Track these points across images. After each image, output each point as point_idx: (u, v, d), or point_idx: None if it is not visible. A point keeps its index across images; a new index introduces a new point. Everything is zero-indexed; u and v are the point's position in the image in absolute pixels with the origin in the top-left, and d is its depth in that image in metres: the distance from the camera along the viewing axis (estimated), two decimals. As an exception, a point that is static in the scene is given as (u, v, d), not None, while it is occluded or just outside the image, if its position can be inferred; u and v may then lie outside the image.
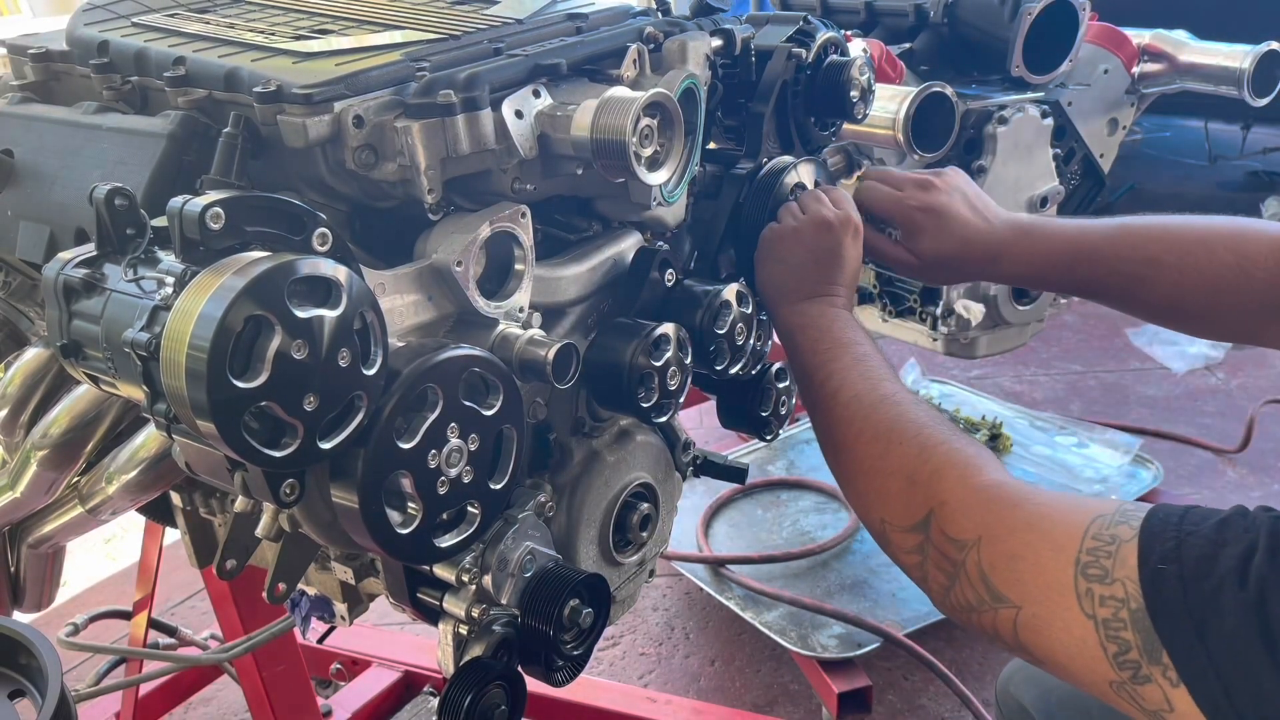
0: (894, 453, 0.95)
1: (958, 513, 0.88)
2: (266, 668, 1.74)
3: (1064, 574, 0.78)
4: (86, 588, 2.86)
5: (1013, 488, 0.88)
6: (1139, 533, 0.77)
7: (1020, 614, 0.82)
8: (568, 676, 0.96)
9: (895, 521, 0.94)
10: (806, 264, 1.13)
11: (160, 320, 0.70)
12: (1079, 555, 0.78)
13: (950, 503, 0.89)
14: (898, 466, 0.94)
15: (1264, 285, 1.09)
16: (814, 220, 1.13)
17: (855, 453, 1.00)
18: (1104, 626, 0.76)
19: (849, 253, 1.14)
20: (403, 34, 0.97)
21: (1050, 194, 1.83)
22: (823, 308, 1.11)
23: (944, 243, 1.21)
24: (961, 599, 0.87)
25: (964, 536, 0.87)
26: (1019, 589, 0.82)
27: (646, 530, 1.08)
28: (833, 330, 1.09)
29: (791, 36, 1.19)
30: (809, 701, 2.26)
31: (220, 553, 1.02)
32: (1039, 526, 0.83)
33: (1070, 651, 0.79)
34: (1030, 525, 0.84)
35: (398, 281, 0.85)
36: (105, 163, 0.92)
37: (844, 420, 1.02)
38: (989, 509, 0.87)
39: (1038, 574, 0.81)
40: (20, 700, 0.89)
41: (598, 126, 0.85)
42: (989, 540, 0.85)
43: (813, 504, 2.56)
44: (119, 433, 1.05)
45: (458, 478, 0.80)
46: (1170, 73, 1.90)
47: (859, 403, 1.01)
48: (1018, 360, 3.69)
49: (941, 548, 0.88)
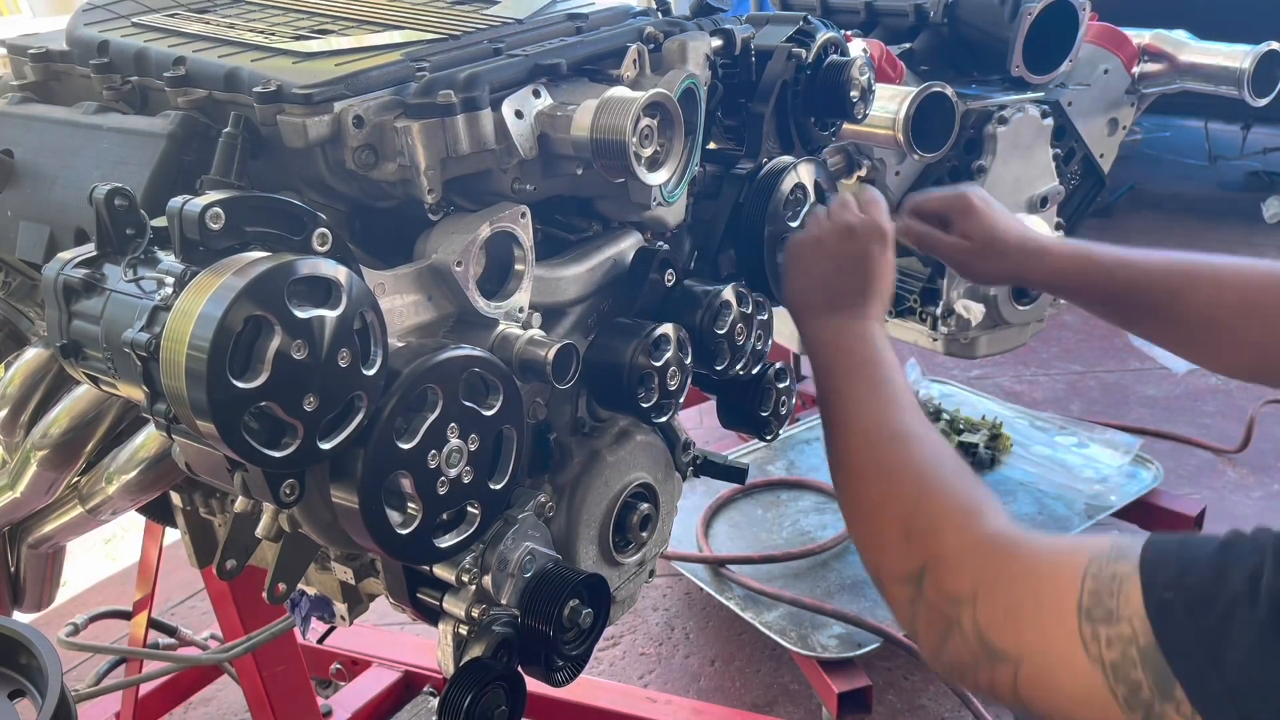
0: (893, 499, 0.94)
1: (953, 567, 0.86)
2: (266, 668, 1.74)
3: (1067, 622, 0.76)
4: (86, 588, 2.86)
5: (1008, 538, 0.85)
6: (1139, 566, 0.74)
7: (1020, 668, 0.79)
8: (568, 676, 0.96)
9: (890, 570, 0.92)
10: (830, 275, 1.09)
11: (160, 320, 0.70)
12: (1080, 599, 0.76)
13: (945, 558, 0.87)
14: (895, 515, 0.93)
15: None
16: (837, 227, 1.10)
17: (857, 492, 0.99)
18: (1112, 670, 0.74)
19: (876, 261, 1.09)
20: (403, 34, 0.97)
21: (1050, 194, 1.83)
22: (847, 322, 1.07)
23: (997, 224, 1.24)
24: (955, 657, 0.84)
25: (959, 592, 0.84)
26: (1018, 642, 0.80)
27: (646, 530, 1.08)
28: (854, 350, 1.05)
29: (791, 36, 1.19)
30: (809, 701, 2.26)
31: (220, 553, 1.02)
32: (1036, 575, 0.81)
33: (1077, 699, 0.76)
34: (1027, 575, 0.82)
35: (398, 281, 0.85)
36: (105, 163, 0.92)
37: (850, 453, 1.00)
38: (985, 562, 0.84)
39: (1038, 625, 0.78)
40: (20, 700, 0.89)
41: (598, 126, 0.85)
42: (985, 594, 0.82)
43: (813, 504, 2.56)
44: (119, 433, 1.05)
45: (458, 478, 0.80)
46: (1170, 73, 1.90)
47: (865, 438, 0.99)
48: (1018, 360, 3.69)
49: (936, 604, 0.86)
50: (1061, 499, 2.48)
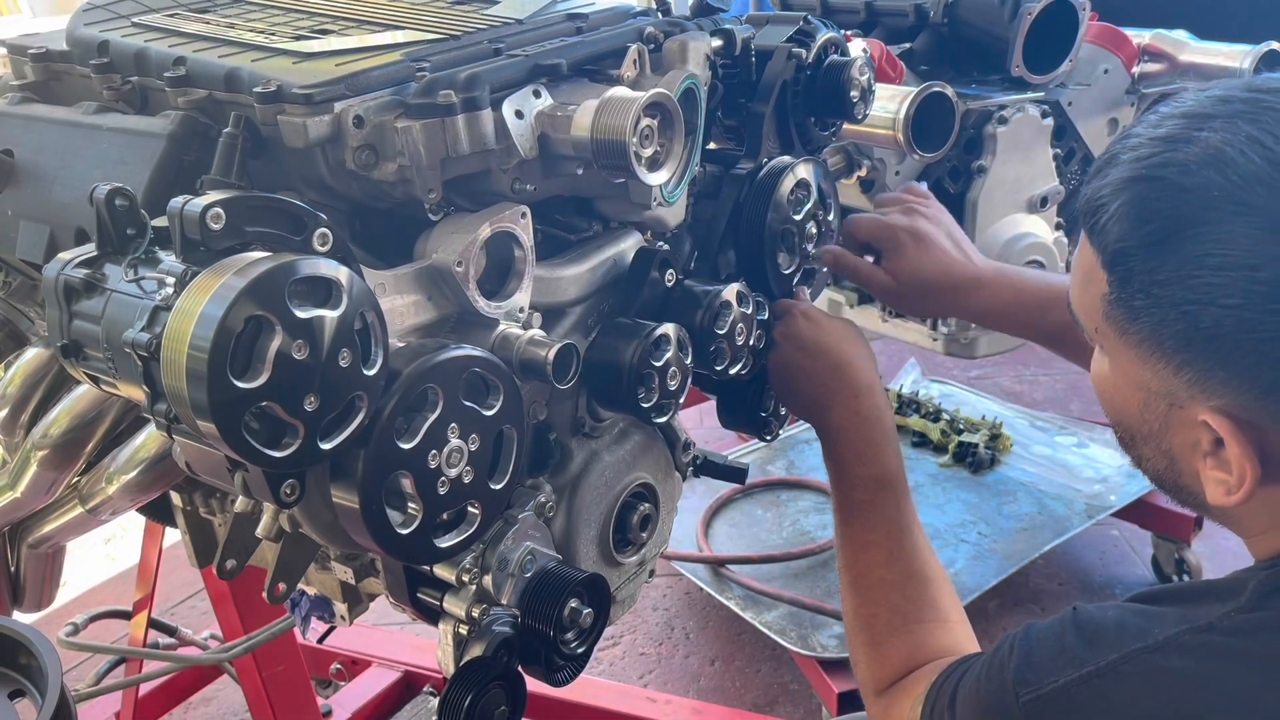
0: (857, 640, 1.09)
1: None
2: (266, 668, 1.74)
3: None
4: (87, 588, 2.86)
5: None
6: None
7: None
8: (568, 676, 0.96)
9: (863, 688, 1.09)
10: (812, 386, 1.15)
11: (161, 320, 0.70)
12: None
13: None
14: (858, 657, 1.09)
15: None
16: (804, 349, 1.15)
17: (843, 603, 1.13)
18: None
19: (850, 358, 1.16)
20: (403, 34, 0.97)
21: (1050, 194, 1.83)
22: (835, 419, 1.14)
23: (924, 266, 1.23)
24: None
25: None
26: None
27: (646, 530, 1.08)
28: (832, 451, 1.15)
29: (791, 36, 1.19)
30: (809, 701, 2.26)
31: (220, 553, 1.02)
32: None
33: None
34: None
35: (398, 282, 0.85)
36: (105, 163, 0.92)
37: (839, 566, 1.14)
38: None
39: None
40: (20, 700, 0.89)
41: (598, 126, 0.85)
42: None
43: (813, 504, 2.56)
44: (119, 433, 1.05)
45: (458, 478, 0.80)
46: (1170, 73, 1.90)
47: (840, 561, 1.13)
48: (1018, 360, 3.69)
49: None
50: (1061, 499, 2.48)
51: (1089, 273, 0.79)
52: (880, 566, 1.08)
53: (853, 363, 1.15)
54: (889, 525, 1.10)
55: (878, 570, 1.08)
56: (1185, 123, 0.74)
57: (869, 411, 1.13)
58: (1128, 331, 0.77)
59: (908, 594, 1.06)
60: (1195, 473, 0.79)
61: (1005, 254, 1.76)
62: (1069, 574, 2.59)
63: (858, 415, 1.13)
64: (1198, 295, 0.70)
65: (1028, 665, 0.82)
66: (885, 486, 1.11)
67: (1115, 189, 0.75)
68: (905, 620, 1.05)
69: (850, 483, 1.12)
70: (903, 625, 1.05)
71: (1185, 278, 0.71)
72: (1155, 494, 2.47)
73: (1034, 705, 0.80)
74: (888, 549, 1.09)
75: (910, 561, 1.08)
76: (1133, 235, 0.74)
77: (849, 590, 1.11)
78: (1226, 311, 0.69)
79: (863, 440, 1.13)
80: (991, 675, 0.85)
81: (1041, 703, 0.80)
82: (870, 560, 1.09)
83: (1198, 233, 0.70)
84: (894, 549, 1.09)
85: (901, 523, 1.10)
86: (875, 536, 1.10)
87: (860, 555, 1.10)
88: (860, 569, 1.10)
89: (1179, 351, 0.73)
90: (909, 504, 1.12)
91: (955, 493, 2.56)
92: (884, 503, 1.10)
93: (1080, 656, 0.79)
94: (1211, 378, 0.72)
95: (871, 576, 1.09)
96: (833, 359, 1.15)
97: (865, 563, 1.10)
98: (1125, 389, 0.81)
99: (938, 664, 0.98)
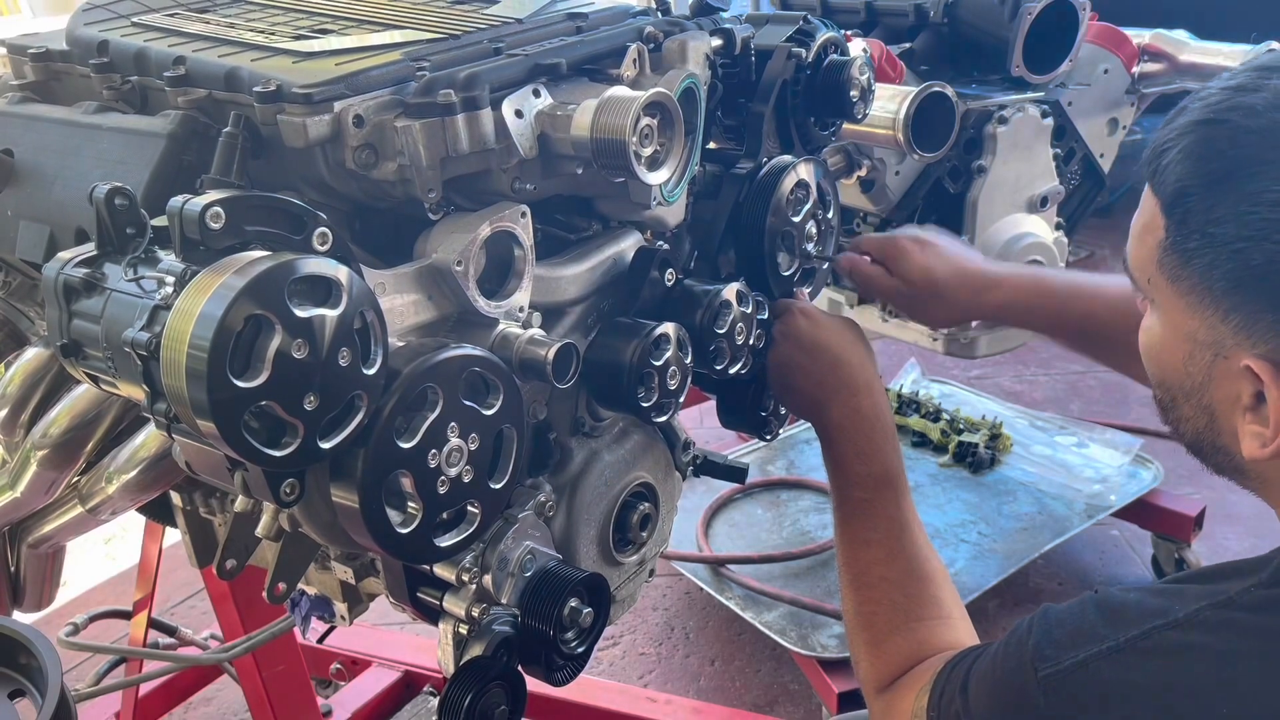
0: (858, 639, 1.09)
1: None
2: (266, 668, 1.74)
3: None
4: (87, 588, 2.86)
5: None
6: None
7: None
8: (568, 676, 0.96)
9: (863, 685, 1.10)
10: (811, 384, 1.16)
11: (160, 320, 0.70)
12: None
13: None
14: (859, 655, 1.09)
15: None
16: (802, 346, 1.16)
17: (843, 601, 1.13)
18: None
19: (849, 356, 1.17)
20: (403, 34, 0.97)
21: (1050, 194, 1.83)
22: (835, 417, 1.14)
23: (933, 266, 1.25)
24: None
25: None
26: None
27: (646, 530, 1.08)
28: (832, 449, 1.15)
29: (791, 36, 1.19)
30: (809, 701, 2.26)
31: (220, 553, 1.02)
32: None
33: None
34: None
35: (398, 281, 0.85)
36: (105, 162, 0.92)
37: (839, 565, 1.14)
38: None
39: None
40: (20, 700, 0.89)
41: (598, 126, 0.85)
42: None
43: (813, 504, 2.56)
44: (119, 433, 1.05)
45: (458, 477, 0.80)
46: (1170, 73, 1.90)
47: (840, 560, 1.13)
48: (1018, 360, 3.69)
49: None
50: (1061, 499, 2.48)
51: (1148, 222, 0.80)
52: (880, 564, 1.08)
53: (852, 361, 1.16)
54: (889, 523, 1.10)
55: (878, 568, 1.08)
56: (1257, 74, 0.75)
57: (868, 409, 1.14)
58: (1180, 278, 0.77)
59: (908, 591, 1.06)
60: (1233, 430, 0.79)
61: (1005, 254, 1.76)
62: (1069, 574, 2.59)
63: (857, 413, 1.13)
64: (1252, 231, 0.71)
65: (1047, 642, 0.82)
66: (885, 484, 1.11)
67: (1180, 133, 0.77)
68: (906, 617, 1.05)
69: (850, 481, 1.13)
70: (904, 622, 1.05)
71: (1242, 214, 0.72)
72: (1155, 494, 2.47)
73: (1053, 680, 0.80)
74: (888, 547, 1.09)
75: (910, 559, 1.08)
76: (1194, 175, 0.75)
77: (849, 588, 1.11)
78: (1279, 248, 0.70)
79: (862, 438, 1.13)
80: (1009, 654, 0.85)
81: (1061, 677, 0.80)
82: (870, 558, 1.09)
83: (1258, 170, 0.71)
84: (894, 547, 1.09)
85: (901, 520, 1.10)
86: (875, 534, 1.10)
87: (860, 553, 1.10)
88: (860, 567, 1.10)
89: (1228, 294, 0.74)
90: (909, 502, 1.12)
91: (955, 492, 2.56)
92: (884, 500, 1.11)
93: (1101, 633, 0.80)
94: (1259, 321, 0.73)
95: (872, 574, 1.09)
96: (831, 357, 1.15)
97: (865, 561, 1.10)
98: (1172, 342, 0.81)
99: (940, 657, 0.98)
